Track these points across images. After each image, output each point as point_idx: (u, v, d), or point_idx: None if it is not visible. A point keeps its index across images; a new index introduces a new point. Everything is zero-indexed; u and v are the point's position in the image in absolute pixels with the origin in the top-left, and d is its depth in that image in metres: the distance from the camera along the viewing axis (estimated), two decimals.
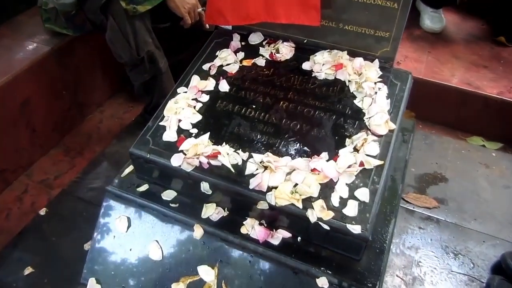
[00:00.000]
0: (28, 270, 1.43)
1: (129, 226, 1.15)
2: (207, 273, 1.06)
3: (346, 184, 1.00)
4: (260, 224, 1.08)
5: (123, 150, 1.85)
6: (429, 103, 1.86)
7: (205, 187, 1.08)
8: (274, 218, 1.06)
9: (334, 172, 1.01)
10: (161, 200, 1.15)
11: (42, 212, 1.62)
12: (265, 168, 1.03)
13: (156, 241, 1.12)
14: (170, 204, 1.14)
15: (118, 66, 1.71)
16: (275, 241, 1.05)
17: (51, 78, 1.78)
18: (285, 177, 1.02)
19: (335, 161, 1.03)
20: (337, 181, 1.01)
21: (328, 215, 0.96)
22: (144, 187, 1.18)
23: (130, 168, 1.21)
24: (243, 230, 1.08)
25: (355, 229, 0.94)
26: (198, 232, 1.09)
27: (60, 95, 1.87)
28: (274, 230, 1.06)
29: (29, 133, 1.77)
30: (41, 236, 1.55)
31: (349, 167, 1.01)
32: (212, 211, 1.11)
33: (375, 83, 1.17)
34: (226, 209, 1.11)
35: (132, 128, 1.96)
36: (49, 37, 1.81)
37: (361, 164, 1.02)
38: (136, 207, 1.16)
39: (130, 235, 1.15)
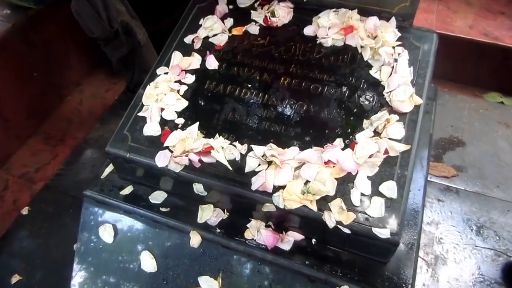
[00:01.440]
0: (15, 278, 1.27)
1: (115, 235, 0.97)
2: (209, 284, 0.89)
3: (368, 177, 0.81)
4: (267, 226, 0.89)
5: (107, 134, 1.64)
6: (441, 58, 1.62)
7: (198, 188, 0.89)
8: (283, 219, 0.87)
9: (352, 164, 0.81)
10: (149, 204, 0.96)
11: (25, 211, 1.44)
12: (269, 163, 0.84)
13: (148, 250, 0.94)
14: (160, 208, 0.95)
15: (94, 39, 1.46)
16: (286, 246, 0.87)
17: (17, 59, 1.53)
18: (293, 173, 0.82)
19: (353, 149, 0.83)
20: (356, 175, 0.81)
21: (349, 217, 0.78)
22: (128, 189, 0.99)
23: (110, 168, 1.01)
24: (248, 234, 0.89)
25: (383, 233, 0.76)
26: (195, 239, 0.91)
27: (31, 78, 1.62)
28: (283, 232, 0.88)
29: (2, 123, 1.55)
30: (26, 238, 1.38)
31: (370, 156, 0.82)
32: (209, 214, 0.92)
33: (394, 47, 0.95)
34: (225, 211, 0.93)
35: (116, 108, 1.73)
36: (10, 12, 1.54)
37: (386, 151, 0.82)
38: (121, 213, 0.97)
39: (118, 245, 0.96)
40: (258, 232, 0.89)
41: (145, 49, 1.50)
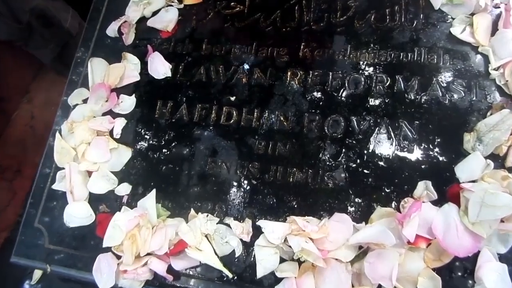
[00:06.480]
0: None
1: None
2: None
3: (500, 257, 0.38)
4: None
5: None
6: None
7: None
8: None
9: (466, 238, 0.38)
10: None
11: None
12: (300, 262, 0.41)
13: None
14: None
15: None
16: None
17: None
18: (351, 274, 0.39)
19: (458, 202, 0.39)
20: (476, 257, 0.38)
21: None
22: None
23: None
24: None
25: None
26: None
27: None
28: None
29: None
30: None
31: (502, 220, 0.38)
32: None
33: None
34: None
35: None
36: None
37: None
38: None
39: None
40: None
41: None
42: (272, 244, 0.42)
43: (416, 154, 0.43)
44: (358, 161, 0.44)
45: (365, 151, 0.44)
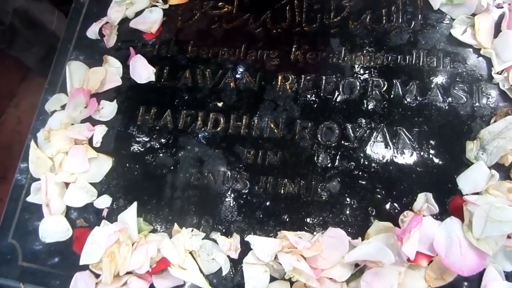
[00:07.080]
0: None
1: None
2: None
3: (508, 276, 0.35)
4: None
5: None
6: None
7: None
8: None
9: (471, 255, 0.35)
10: None
11: None
12: (292, 281, 0.38)
13: None
14: None
15: None
16: None
17: None
18: None
19: (461, 217, 0.37)
20: (481, 276, 0.35)
21: None
22: None
23: None
24: None
25: None
26: None
27: None
28: None
29: None
30: None
31: (510, 236, 0.35)
32: None
33: None
34: None
35: None
36: None
37: None
38: None
39: None
40: None
41: None
42: (261, 262, 0.39)
43: (415, 164, 0.40)
44: (354, 171, 0.41)
45: (361, 161, 0.41)
